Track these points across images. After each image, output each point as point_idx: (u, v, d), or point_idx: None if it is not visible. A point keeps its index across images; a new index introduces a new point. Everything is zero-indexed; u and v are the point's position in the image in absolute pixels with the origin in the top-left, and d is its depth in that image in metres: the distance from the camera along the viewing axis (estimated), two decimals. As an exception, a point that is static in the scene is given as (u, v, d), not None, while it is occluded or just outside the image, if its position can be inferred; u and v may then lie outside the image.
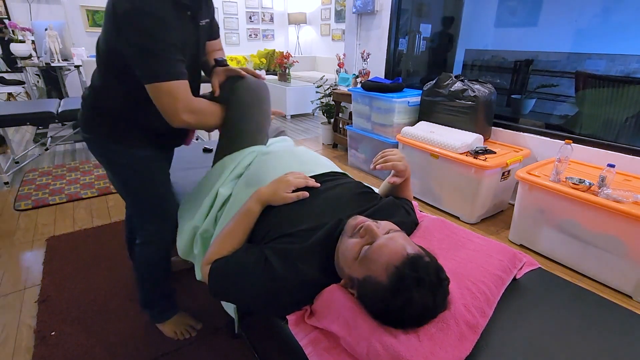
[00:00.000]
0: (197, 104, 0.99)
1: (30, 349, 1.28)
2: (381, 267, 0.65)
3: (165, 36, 0.86)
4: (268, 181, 0.92)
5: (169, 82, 0.89)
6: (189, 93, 0.95)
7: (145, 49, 0.85)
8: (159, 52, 0.86)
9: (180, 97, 0.91)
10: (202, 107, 1.02)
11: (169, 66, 0.88)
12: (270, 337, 0.92)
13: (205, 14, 1.04)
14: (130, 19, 0.82)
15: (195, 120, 0.99)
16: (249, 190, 0.93)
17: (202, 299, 1.52)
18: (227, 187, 1.04)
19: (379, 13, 3.16)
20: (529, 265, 0.95)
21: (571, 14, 2.29)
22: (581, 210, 1.65)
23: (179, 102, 0.92)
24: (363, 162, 3.07)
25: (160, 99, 0.91)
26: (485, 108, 2.28)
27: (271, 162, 1.04)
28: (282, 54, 5.29)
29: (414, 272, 0.62)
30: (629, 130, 2.00)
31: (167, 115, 0.94)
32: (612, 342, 0.73)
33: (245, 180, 1.01)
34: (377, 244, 0.68)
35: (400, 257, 0.64)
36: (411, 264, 0.63)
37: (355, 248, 0.71)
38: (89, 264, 1.74)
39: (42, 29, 3.51)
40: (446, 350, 0.63)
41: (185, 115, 0.94)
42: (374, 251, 0.67)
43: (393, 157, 0.99)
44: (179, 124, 0.96)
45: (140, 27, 0.83)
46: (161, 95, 0.90)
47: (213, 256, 0.84)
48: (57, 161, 3.15)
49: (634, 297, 1.58)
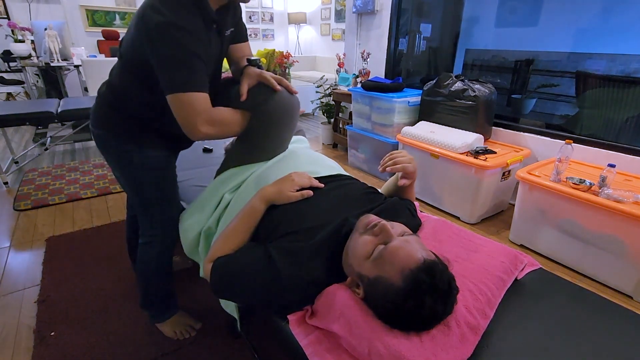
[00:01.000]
0: (218, 114, 0.96)
1: (29, 349, 1.28)
2: (396, 269, 0.65)
3: (194, 48, 0.86)
4: (272, 179, 0.93)
5: (189, 93, 0.88)
6: (209, 105, 0.93)
7: (173, 60, 0.85)
8: (185, 64, 0.86)
9: (200, 108, 0.90)
10: (222, 117, 0.98)
11: (192, 77, 0.88)
12: (270, 337, 0.92)
13: (230, 24, 1.04)
14: (162, 31, 0.82)
15: (215, 132, 0.96)
16: (253, 191, 0.93)
17: (202, 299, 1.52)
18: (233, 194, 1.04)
19: (379, 13, 3.16)
20: (529, 265, 0.95)
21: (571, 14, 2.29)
22: (582, 210, 1.65)
23: (198, 114, 0.90)
24: (363, 162, 3.07)
25: (180, 110, 0.90)
26: (485, 108, 2.28)
27: (276, 164, 1.04)
28: (282, 53, 5.28)
29: (430, 278, 0.62)
30: (630, 130, 2.00)
31: (186, 128, 0.92)
32: (612, 342, 0.73)
33: (250, 182, 1.01)
34: (393, 245, 0.68)
35: (416, 261, 0.64)
36: (427, 270, 0.63)
37: (368, 246, 0.71)
38: (89, 264, 1.74)
39: (42, 29, 3.51)
40: (447, 351, 0.63)
41: (205, 127, 0.92)
42: (389, 252, 0.67)
43: (403, 159, 0.98)
44: (198, 136, 0.94)
45: (171, 39, 0.83)
46: (181, 105, 0.89)
47: (216, 254, 0.83)
48: (56, 161, 3.14)
49: (634, 297, 1.58)
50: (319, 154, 1.16)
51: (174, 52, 0.85)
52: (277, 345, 0.86)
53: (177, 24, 0.83)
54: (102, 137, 1.06)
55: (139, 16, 0.86)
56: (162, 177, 1.13)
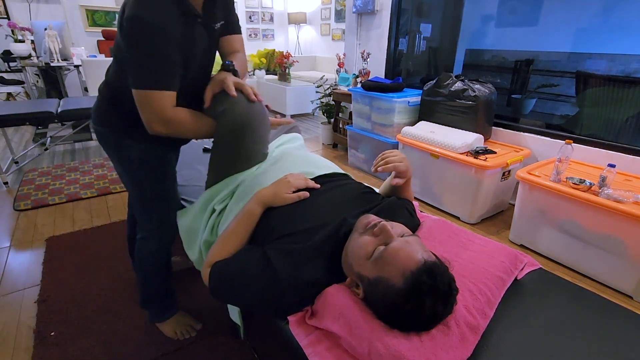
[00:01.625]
0: (174, 116, 0.95)
1: (29, 349, 1.28)
2: (397, 270, 0.65)
3: (159, 47, 0.86)
4: (267, 184, 0.92)
5: (148, 90, 0.89)
6: (168, 104, 0.93)
7: (136, 56, 0.86)
8: (147, 62, 0.87)
9: (156, 107, 0.91)
10: (179, 120, 0.96)
11: (154, 76, 0.89)
12: (270, 338, 0.92)
13: (219, 17, 1.03)
14: (130, 25, 0.83)
15: (169, 132, 0.96)
16: (248, 195, 0.93)
17: (202, 299, 1.52)
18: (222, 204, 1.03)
19: (379, 13, 3.16)
20: (529, 265, 0.95)
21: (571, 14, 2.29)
22: (582, 211, 1.65)
23: (153, 112, 0.92)
24: (363, 162, 3.07)
25: (139, 105, 0.91)
26: (485, 108, 2.28)
27: (271, 166, 1.03)
28: (282, 53, 5.29)
29: (431, 279, 0.62)
30: (630, 130, 2.00)
31: (144, 122, 0.94)
32: (612, 342, 0.73)
33: (245, 185, 1.01)
34: (394, 246, 0.68)
35: (417, 263, 0.64)
36: (428, 272, 0.63)
37: (368, 247, 0.70)
38: (89, 264, 1.74)
39: (42, 29, 3.51)
40: (447, 351, 0.63)
41: (158, 126, 0.93)
42: (390, 253, 0.67)
43: (394, 159, 0.98)
44: (152, 132, 0.95)
45: (137, 34, 0.83)
46: (140, 101, 0.91)
47: (214, 258, 0.83)
48: (56, 161, 3.14)
49: (635, 298, 1.58)
50: (314, 154, 1.15)
51: (141, 49, 0.85)
52: (277, 345, 0.86)
53: (147, 20, 0.82)
54: (103, 134, 1.08)
55: (122, 7, 0.87)
56: (161, 173, 1.13)
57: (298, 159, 1.07)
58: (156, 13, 0.83)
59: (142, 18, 0.82)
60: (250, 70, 5.92)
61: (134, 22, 0.82)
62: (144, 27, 0.83)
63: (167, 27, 0.85)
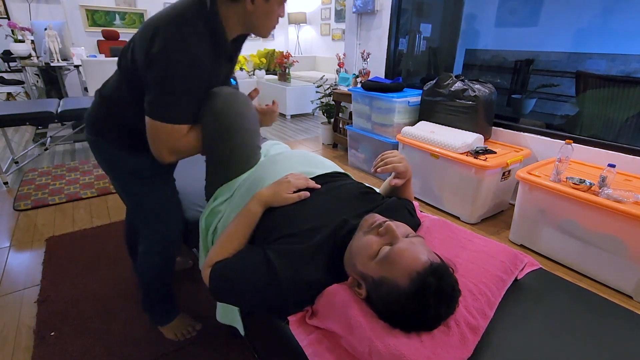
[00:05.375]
0: (185, 145, 0.95)
1: (29, 349, 1.28)
2: (403, 271, 0.64)
3: (189, 86, 0.86)
4: (268, 184, 0.92)
5: (165, 124, 0.88)
6: (180, 136, 0.92)
7: (162, 89, 0.85)
8: (170, 95, 0.86)
9: (169, 140, 0.91)
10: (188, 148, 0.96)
11: (173, 110, 0.88)
12: (270, 338, 0.92)
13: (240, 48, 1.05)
14: (164, 55, 0.81)
15: (178, 158, 1.00)
16: (248, 195, 0.92)
17: (203, 299, 1.52)
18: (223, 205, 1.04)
19: (379, 13, 3.16)
20: (529, 265, 0.95)
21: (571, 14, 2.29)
22: (582, 210, 1.65)
23: (166, 144, 0.92)
24: (363, 162, 3.07)
25: (151, 133, 0.91)
26: (485, 108, 2.28)
27: (270, 166, 1.02)
28: (282, 53, 5.29)
29: (437, 281, 0.63)
30: (630, 130, 2.00)
31: (153, 150, 0.94)
32: (612, 342, 0.73)
33: (245, 186, 1.00)
34: (400, 247, 0.68)
35: (423, 264, 0.64)
36: (434, 273, 0.63)
37: (373, 246, 0.70)
38: (89, 264, 1.74)
39: (42, 29, 3.50)
40: (447, 351, 0.63)
41: (166, 155, 0.94)
42: (396, 254, 0.67)
43: (393, 159, 0.98)
44: (160, 160, 0.96)
45: (169, 69, 0.82)
46: (154, 131, 0.90)
47: (214, 258, 0.83)
48: (56, 161, 3.14)
49: (635, 298, 1.58)
50: (313, 154, 1.15)
51: (170, 84, 0.84)
52: (278, 345, 0.86)
53: (175, 56, 0.81)
54: (95, 143, 1.05)
55: (153, 27, 0.83)
56: (154, 184, 1.10)
57: (298, 158, 1.07)
58: (194, 48, 0.82)
59: (181, 51, 0.81)
60: (250, 70, 5.93)
61: (164, 58, 0.81)
62: (177, 66, 0.82)
63: (201, 65, 0.85)
